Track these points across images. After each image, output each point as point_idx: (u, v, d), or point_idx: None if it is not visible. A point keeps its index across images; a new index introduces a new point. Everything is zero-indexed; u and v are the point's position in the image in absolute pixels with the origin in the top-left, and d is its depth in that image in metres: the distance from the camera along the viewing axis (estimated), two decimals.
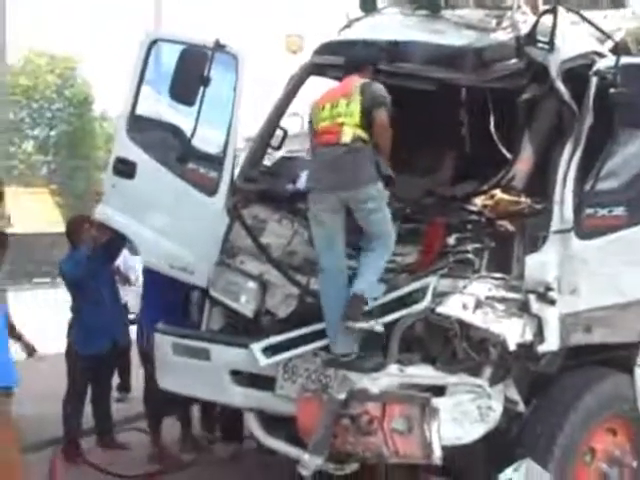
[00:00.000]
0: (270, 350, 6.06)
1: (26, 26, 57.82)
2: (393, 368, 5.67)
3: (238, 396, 6.32)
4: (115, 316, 8.41)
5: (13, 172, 39.27)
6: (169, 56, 6.83)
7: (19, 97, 41.93)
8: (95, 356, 8.22)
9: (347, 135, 5.86)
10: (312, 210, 6.02)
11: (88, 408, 8.62)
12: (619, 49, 6.10)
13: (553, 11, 6.09)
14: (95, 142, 40.95)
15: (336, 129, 5.91)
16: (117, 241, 8.20)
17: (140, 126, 6.75)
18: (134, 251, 8.89)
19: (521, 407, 5.80)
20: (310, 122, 6.28)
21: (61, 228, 8.77)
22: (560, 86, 6.06)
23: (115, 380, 9.44)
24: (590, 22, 6.28)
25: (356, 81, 6.06)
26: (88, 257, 8.21)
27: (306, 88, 7.29)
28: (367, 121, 5.90)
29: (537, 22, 6.19)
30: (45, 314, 9.19)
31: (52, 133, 43.82)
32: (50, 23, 61.80)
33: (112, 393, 9.18)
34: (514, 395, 5.75)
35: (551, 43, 6.10)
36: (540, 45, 6.15)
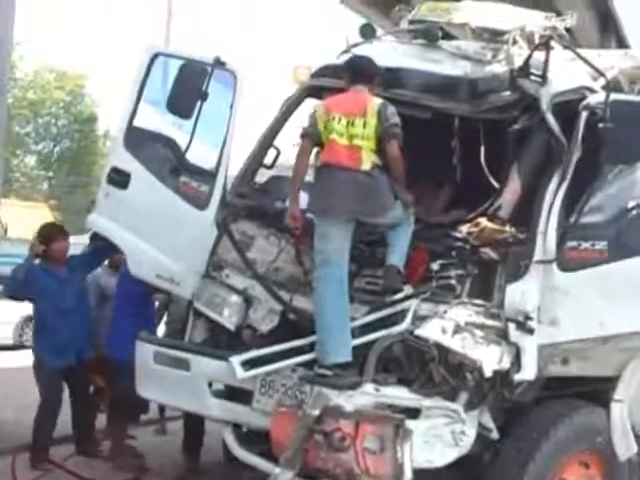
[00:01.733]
0: (249, 364, 6.12)
1: (37, 41, 58.43)
2: (369, 387, 5.70)
3: (215, 408, 6.36)
4: (80, 329, 8.35)
5: (13, 185, 39.42)
6: (169, 71, 6.93)
7: (26, 111, 42.06)
8: (62, 368, 8.17)
9: (366, 163, 6.02)
10: (321, 226, 6.08)
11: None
12: (610, 86, 6.16)
13: (546, 45, 6.19)
14: (97, 160, 41.04)
15: (355, 153, 6.04)
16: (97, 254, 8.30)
17: (137, 138, 6.86)
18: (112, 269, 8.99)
19: (494, 434, 5.84)
20: (313, 122, 6.28)
21: None
22: (550, 119, 6.14)
23: None
24: (583, 58, 6.35)
25: (369, 99, 6.17)
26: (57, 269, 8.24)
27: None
28: (380, 146, 6.06)
29: (530, 55, 6.28)
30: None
31: (56, 149, 43.94)
32: (61, 39, 62.10)
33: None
34: (488, 422, 5.79)
35: (543, 76, 6.19)
36: (533, 78, 6.24)
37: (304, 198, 6.82)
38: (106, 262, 9.08)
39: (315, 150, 6.40)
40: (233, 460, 7.03)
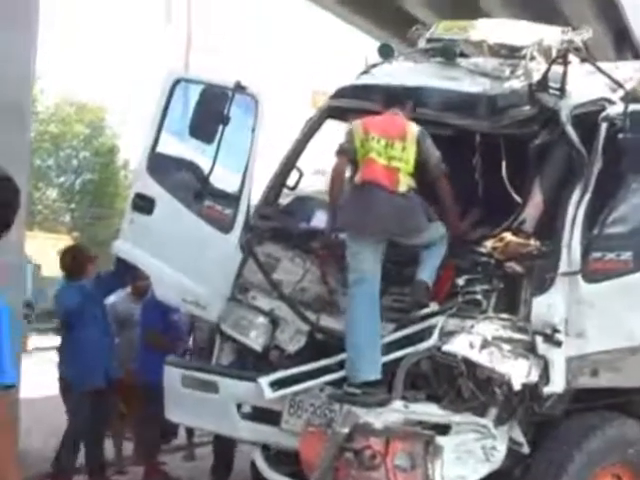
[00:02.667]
0: (277, 384, 6.14)
1: (57, 73, 58.90)
2: (398, 404, 5.72)
3: (244, 429, 6.39)
4: (108, 351, 8.40)
5: (36, 217, 39.65)
6: (190, 96, 6.99)
7: (47, 144, 42.40)
8: (91, 391, 8.18)
9: (403, 185, 6.11)
10: (354, 245, 6.13)
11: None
12: (629, 97, 6.18)
13: (564, 58, 6.22)
14: (118, 191, 41.29)
15: (393, 174, 6.12)
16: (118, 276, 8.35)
17: (160, 163, 6.92)
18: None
19: (525, 449, 5.81)
20: (350, 141, 6.33)
21: None
22: (570, 131, 6.16)
23: None
24: (601, 70, 6.39)
25: (408, 124, 6.27)
26: (88, 289, 8.27)
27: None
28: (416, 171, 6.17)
29: (549, 69, 6.32)
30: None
31: (77, 181, 44.23)
32: (81, 71, 62.57)
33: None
34: (519, 436, 5.77)
35: (562, 89, 6.22)
36: (551, 91, 6.27)
37: (325, 218, 6.86)
38: (128, 289, 9.13)
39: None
40: None
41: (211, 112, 6.70)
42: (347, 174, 6.63)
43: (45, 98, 42.53)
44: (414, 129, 6.23)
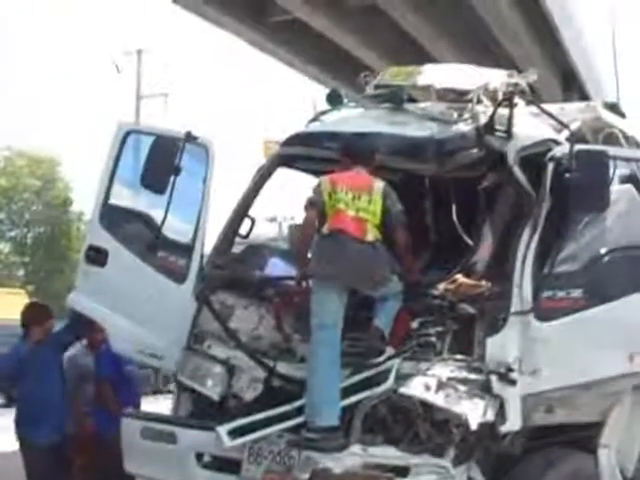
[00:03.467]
0: (236, 432, 6.10)
1: (6, 126, 58.68)
2: (356, 448, 5.72)
3: (204, 479, 6.34)
4: (62, 405, 8.31)
5: None
6: (143, 147, 7.01)
7: None
8: (47, 446, 8.09)
9: (371, 235, 6.15)
10: (319, 291, 6.16)
11: None
12: (574, 137, 6.30)
13: (509, 101, 6.34)
14: (72, 244, 41.05)
15: (361, 224, 6.16)
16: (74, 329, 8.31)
17: (112, 215, 6.91)
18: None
19: None
20: (319, 194, 6.36)
21: None
22: (518, 172, 6.27)
23: None
24: (546, 112, 6.52)
25: (373, 179, 6.33)
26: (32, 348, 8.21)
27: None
28: (385, 224, 6.25)
29: (495, 112, 6.43)
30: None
31: (29, 234, 43.87)
32: (31, 123, 62.44)
33: None
34: (477, 476, 5.79)
35: (508, 131, 6.34)
36: (498, 134, 6.38)
37: (278, 265, 6.90)
38: (84, 342, 9.05)
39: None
40: None
41: (162, 163, 6.72)
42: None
43: None
44: (379, 184, 6.30)
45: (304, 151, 7.03)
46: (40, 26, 71.67)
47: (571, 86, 21.38)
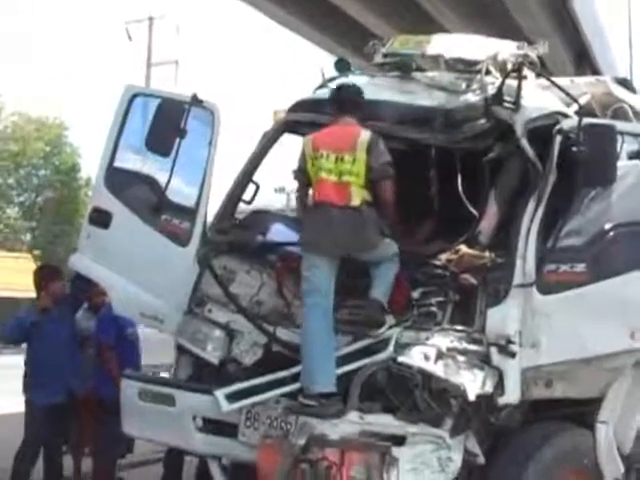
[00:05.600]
0: (234, 397, 6.11)
1: (16, 91, 58.60)
2: (353, 415, 5.71)
3: (201, 443, 6.34)
4: (70, 366, 8.35)
5: None
6: (149, 110, 6.97)
7: (7, 162, 42.05)
8: (51, 407, 8.14)
9: (356, 199, 6.08)
10: (309, 258, 6.14)
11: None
12: (583, 111, 6.25)
13: (518, 72, 6.28)
14: (79, 209, 41.01)
15: (344, 190, 6.09)
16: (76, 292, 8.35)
17: (117, 177, 6.87)
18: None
19: (481, 459, 5.83)
20: (302, 161, 6.36)
21: None
22: (525, 144, 6.23)
23: None
24: (555, 84, 6.46)
25: (358, 133, 6.20)
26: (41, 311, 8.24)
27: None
28: (370, 180, 6.13)
29: (503, 83, 6.39)
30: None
31: (38, 199, 43.88)
32: (40, 88, 62.36)
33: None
34: (474, 447, 5.79)
35: (517, 103, 6.29)
36: (506, 105, 6.33)
37: (281, 231, 6.87)
38: (86, 305, 9.08)
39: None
40: None
41: (168, 126, 6.67)
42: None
43: (4, 116, 42.24)
44: (364, 138, 6.16)
45: (310, 117, 6.98)
46: None
47: (583, 63, 21.24)
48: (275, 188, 23.05)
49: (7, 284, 32.04)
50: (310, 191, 6.41)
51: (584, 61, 21.61)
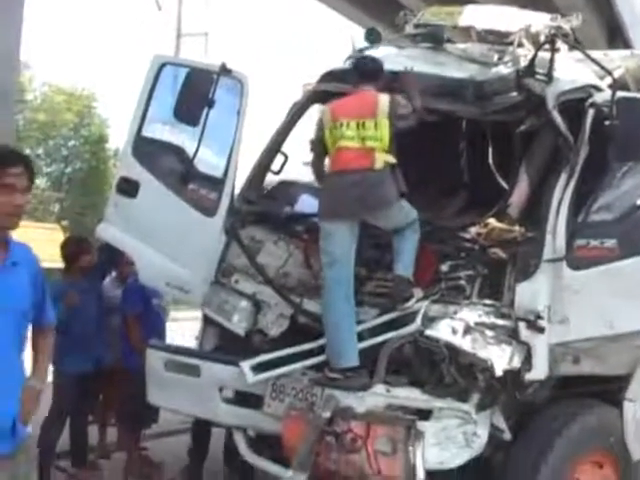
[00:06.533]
0: (260, 368, 6.10)
1: (47, 62, 58.72)
2: (380, 388, 5.68)
3: (226, 414, 6.34)
4: (99, 336, 8.38)
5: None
6: (177, 80, 6.94)
7: (36, 133, 42.15)
8: (78, 375, 8.16)
9: (379, 162, 6.00)
10: (325, 228, 6.09)
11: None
12: (617, 84, 6.15)
13: (551, 44, 6.19)
14: (108, 180, 41.10)
15: (369, 155, 6.03)
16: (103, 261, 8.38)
17: (145, 147, 6.86)
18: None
19: (507, 435, 5.79)
20: (319, 131, 6.33)
21: None
22: (557, 117, 6.12)
23: None
24: (589, 57, 6.35)
25: (378, 99, 6.15)
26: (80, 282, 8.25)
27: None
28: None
29: (536, 55, 6.29)
30: None
31: (67, 170, 43.99)
32: (70, 60, 62.51)
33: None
34: (500, 422, 5.74)
35: (549, 75, 6.19)
36: (538, 77, 6.24)
37: (309, 202, 6.83)
38: (114, 274, 9.08)
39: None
40: (234, 468, 7.20)
41: (196, 95, 6.65)
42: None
43: (34, 86, 42.31)
44: (384, 103, 6.11)
45: (339, 88, 6.91)
46: None
47: (616, 40, 20.97)
48: (304, 161, 22.99)
49: (36, 254, 32.17)
50: (327, 161, 6.36)
51: (617, 38, 21.34)
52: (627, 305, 5.90)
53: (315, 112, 7.25)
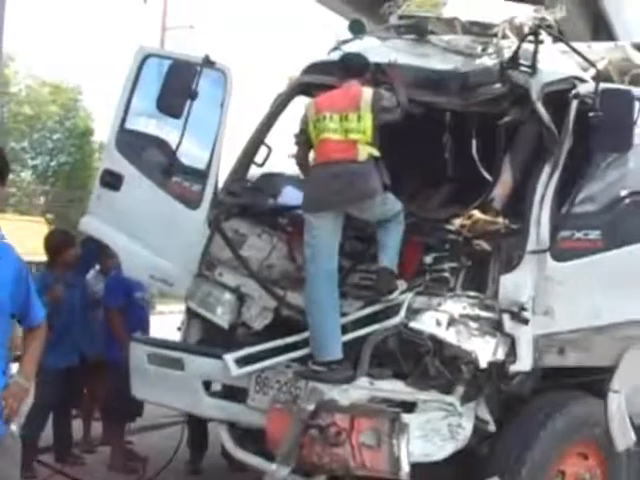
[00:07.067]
0: (243, 361, 6.08)
1: (31, 55, 58.46)
2: (363, 381, 5.67)
3: (210, 407, 6.33)
4: (83, 329, 8.34)
5: (10, 200, 39.28)
6: (161, 72, 6.89)
7: (22, 126, 41.94)
8: (63, 370, 8.12)
9: (362, 154, 5.96)
10: (310, 221, 6.03)
11: None
12: (600, 76, 6.14)
13: (535, 35, 6.17)
14: (93, 173, 40.94)
15: (351, 147, 5.99)
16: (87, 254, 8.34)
17: (129, 139, 6.84)
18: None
19: (492, 427, 5.78)
20: (304, 124, 6.31)
21: None
22: (540, 109, 6.11)
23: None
24: (573, 48, 6.34)
25: (361, 92, 6.12)
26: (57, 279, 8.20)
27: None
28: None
29: (519, 46, 6.26)
30: None
31: (52, 163, 43.79)
32: (55, 53, 62.24)
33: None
34: (485, 414, 5.74)
35: (533, 67, 6.17)
36: (522, 69, 6.22)
37: (293, 194, 6.80)
38: (97, 267, 9.04)
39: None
40: (233, 461, 7.07)
41: (179, 87, 6.60)
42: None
43: (19, 79, 42.07)
44: (367, 96, 6.08)
45: (323, 79, 6.88)
46: None
47: (600, 31, 20.98)
48: (289, 154, 22.92)
49: (21, 247, 32.06)
50: (311, 155, 6.33)
51: (601, 30, 21.35)
52: (612, 296, 5.91)
53: (299, 104, 7.22)
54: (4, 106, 39.38)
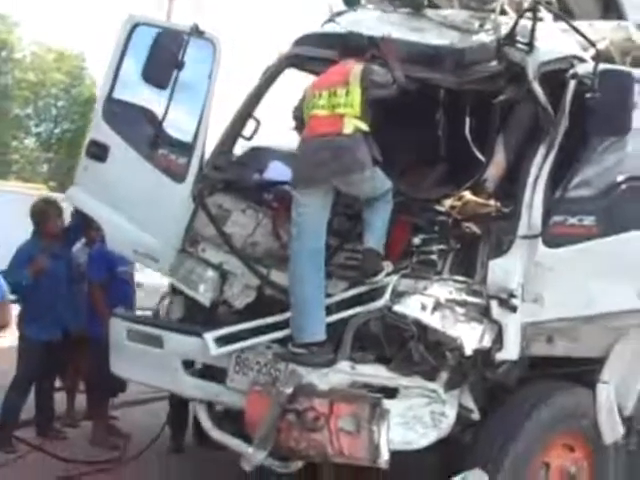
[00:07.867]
0: (224, 340, 5.92)
1: (36, 21, 58.06)
2: (344, 365, 5.49)
3: (189, 386, 6.18)
4: (67, 303, 8.20)
5: (12, 167, 39.18)
6: (150, 41, 6.70)
7: (26, 92, 41.71)
8: (46, 342, 7.98)
9: (348, 127, 5.78)
10: (297, 197, 5.86)
11: None
12: (600, 56, 5.92)
13: (533, 12, 5.96)
14: None
15: (337, 121, 5.81)
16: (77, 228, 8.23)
17: (116, 110, 6.66)
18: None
19: (476, 415, 5.64)
20: (299, 109, 6.19)
21: None
22: (536, 88, 5.91)
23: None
24: (573, 27, 6.12)
25: (353, 67, 5.96)
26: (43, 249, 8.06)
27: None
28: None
29: (517, 22, 6.05)
30: None
31: (56, 130, 43.59)
32: (60, 19, 61.95)
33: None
34: (469, 402, 5.59)
35: (530, 44, 5.97)
36: (519, 46, 6.02)
37: (280, 169, 6.63)
38: (83, 240, 8.89)
39: None
40: (202, 441, 7.15)
41: (166, 57, 6.42)
42: None
43: (23, 45, 41.84)
44: (356, 70, 5.92)
45: (314, 52, 6.70)
46: None
47: (610, 8, 20.72)
48: (290, 127, 22.72)
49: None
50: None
51: (612, 9, 21.07)
52: (604, 285, 5.71)
53: (289, 76, 7.05)
54: (8, 72, 39.19)
